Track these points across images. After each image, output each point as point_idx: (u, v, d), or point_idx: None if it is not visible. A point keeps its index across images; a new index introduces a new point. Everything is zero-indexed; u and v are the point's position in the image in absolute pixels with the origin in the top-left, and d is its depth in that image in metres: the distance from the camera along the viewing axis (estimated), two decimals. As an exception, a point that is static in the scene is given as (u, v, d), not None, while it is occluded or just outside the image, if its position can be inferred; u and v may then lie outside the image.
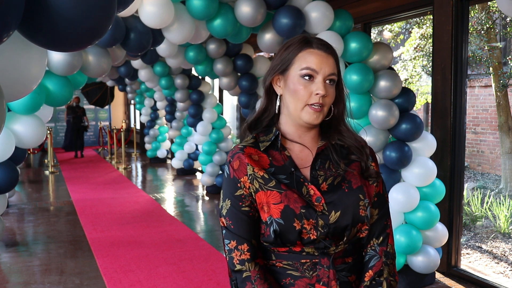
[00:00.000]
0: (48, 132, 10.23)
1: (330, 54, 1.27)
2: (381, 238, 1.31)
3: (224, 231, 1.29)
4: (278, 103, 1.32)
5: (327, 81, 1.25)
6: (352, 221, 1.23)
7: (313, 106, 1.23)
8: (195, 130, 7.72)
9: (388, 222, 1.34)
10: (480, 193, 6.71)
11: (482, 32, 7.22)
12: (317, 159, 1.29)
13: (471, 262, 4.71)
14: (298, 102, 1.24)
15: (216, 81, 8.57)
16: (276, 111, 1.32)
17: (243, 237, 1.26)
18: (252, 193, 1.25)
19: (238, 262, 1.24)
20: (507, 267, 4.60)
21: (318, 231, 1.21)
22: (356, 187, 1.27)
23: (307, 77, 1.24)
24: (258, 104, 1.42)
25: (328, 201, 1.23)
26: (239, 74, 5.70)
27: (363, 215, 1.25)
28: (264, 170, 1.25)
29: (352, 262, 1.27)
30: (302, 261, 1.23)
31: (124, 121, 13.43)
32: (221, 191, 1.32)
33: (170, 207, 6.86)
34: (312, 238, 1.21)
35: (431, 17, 4.43)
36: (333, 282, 1.22)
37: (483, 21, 7.18)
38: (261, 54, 6.88)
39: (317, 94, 1.23)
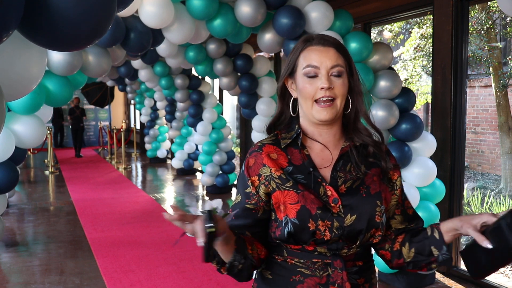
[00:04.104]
0: (48, 132, 10.23)
1: (331, 46, 1.26)
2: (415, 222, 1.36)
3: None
4: (297, 106, 1.32)
5: (333, 74, 1.24)
6: (367, 226, 1.23)
7: (321, 101, 1.23)
8: (195, 130, 7.72)
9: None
10: (480, 193, 6.71)
11: (482, 32, 7.22)
12: (339, 160, 1.28)
13: (471, 262, 4.70)
14: (307, 100, 1.25)
15: (216, 81, 8.57)
16: (293, 114, 1.32)
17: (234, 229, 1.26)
18: (266, 192, 1.26)
19: None
20: (507, 267, 4.60)
21: (333, 232, 1.21)
22: (374, 193, 1.27)
23: (311, 74, 1.24)
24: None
25: (345, 203, 1.23)
26: (239, 74, 5.70)
27: (378, 221, 1.25)
28: (281, 170, 1.26)
29: (363, 265, 1.28)
30: (314, 260, 1.24)
31: (124, 121, 13.43)
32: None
33: (170, 207, 6.86)
34: (325, 239, 1.21)
35: (431, 17, 4.43)
36: (347, 284, 1.23)
37: (483, 21, 7.18)
38: (261, 54, 6.87)
39: (322, 88, 1.22)
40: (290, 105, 1.32)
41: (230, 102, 12.21)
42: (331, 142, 1.30)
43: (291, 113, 1.33)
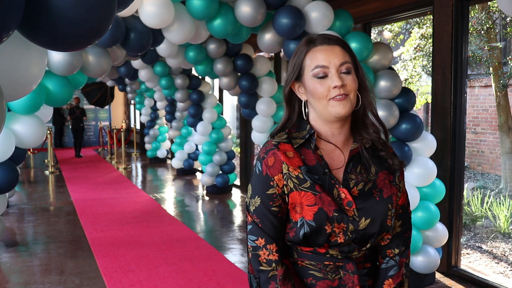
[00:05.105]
0: (48, 132, 10.23)
1: (335, 44, 1.25)
2: (403, 249, 1.33)
3: (250, 226, 1.26)
4: (306, 109, 1.30)
5: (342, 71, 1.23)
6: (379, 230, 1.24)
7: (336, 97, 1.22)
8: (195, 130, 7.72)
9: (409, 235, 1.36)
10: (480, 193, 6.70)
11: (482, 32, 7.21)
12: (349, 162, 1.27)
13: (471, 262, 4.71)
14: (321, 100, 1.24)
15: (216, 81, 8.57)
16: (305, 117, 1.31)
17: (272, 237, 1.24)
18: (286, 192, 1.24)
19: (265, 261, 1.23)
20: (507, 267, 4.60)
21: (347, 235, 1.21)
22: (387, 196, 1.27)
23: (320, 75, 1.23)
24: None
25: (359, 207, 1.23)
26: (239, 74, 5.70)
27: (389, 224, 1.26)
28: (299, 169, 1.24)
29: (371, 267, 1.29)
30: (326, 263, 1.23)
31: (124, 121, 13.42)
32: (250, 185, 1.29)
33: (170, 207, 6.86)
34: (339, 241, 1.21)
35: (431, 17, 4.43)
36: (358, 287, 1.23)
37: (483, 21, 7.18)
38: (261, 54, 6.87)
39: (335, 87, 1.21)
40: (302, 109, 1.31)
41: (230, 102, 12.21)
42: (341, 143, 1.29)
43: (304, 116, 1.30)
